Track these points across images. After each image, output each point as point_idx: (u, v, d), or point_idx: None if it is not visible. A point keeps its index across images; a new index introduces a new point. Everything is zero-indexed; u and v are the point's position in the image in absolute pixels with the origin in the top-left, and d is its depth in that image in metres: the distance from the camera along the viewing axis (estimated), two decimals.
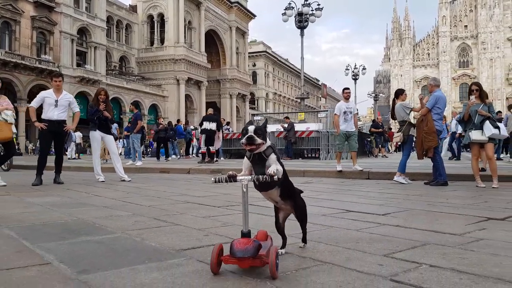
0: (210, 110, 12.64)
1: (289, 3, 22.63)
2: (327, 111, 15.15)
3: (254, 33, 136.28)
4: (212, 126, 11.81)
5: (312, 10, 22.72)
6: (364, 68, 36.56)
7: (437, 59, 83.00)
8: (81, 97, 40.77)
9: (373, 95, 47.59)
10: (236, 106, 63.30)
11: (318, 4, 23.08)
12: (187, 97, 54.57)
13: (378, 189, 5.85)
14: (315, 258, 2.09)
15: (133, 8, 53.39)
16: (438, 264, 1.96)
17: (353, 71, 36.15)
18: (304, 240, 2.26)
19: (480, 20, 78.91)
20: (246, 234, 1.80)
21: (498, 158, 12.92)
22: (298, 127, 15.35)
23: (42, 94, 6.83)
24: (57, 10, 40.61)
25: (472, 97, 6.66)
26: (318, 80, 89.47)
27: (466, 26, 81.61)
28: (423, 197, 4.93)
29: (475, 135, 6.41)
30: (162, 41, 52.84)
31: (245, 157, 1.97)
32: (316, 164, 11.65)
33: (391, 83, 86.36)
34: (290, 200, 2.06)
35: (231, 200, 4.43)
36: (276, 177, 1.76)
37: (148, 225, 2.97)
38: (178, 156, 17.12)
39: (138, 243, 2.44)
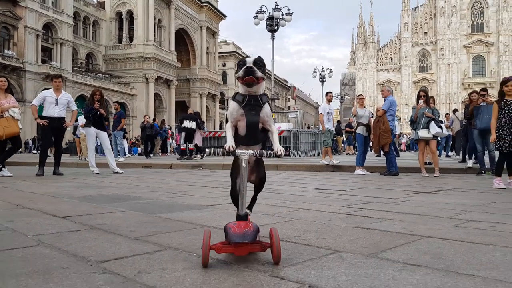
0: (190, 110, 13.49)
1: (261, 7, 23.56)
2: (297, 112, 16.25)
3: (224, 33, 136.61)
4: (192, 124, 12.65)
5: (282, 15, 23.69)
6: (331, 71, 38.11)
7: (399, 63, 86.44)
8: None
9: (339, 97, 49.55)
10: (206, 106, 63.74)
11: (289, 9, 24.13)
12: (156, 95, 54.51)
13: (342, 178, 6.95)
14: (303, 218, 3.08)
15: (101, 5, 52.76)
16: (375, 209, 3.05)
17: (320, 74, 37.64)
18: (250, 208, 2.00)
19: (439, 28, 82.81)
20: (243, 217, 1.60)
21: (447, 156, 14.50)
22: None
23: (43, 93, 7.48)
24: (22, 5, 39.72)
25: (420, 101, 7.90)
26: (287, 82, 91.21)
27: (426, 33, 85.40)
28: (376, 182, 6.06)
29: (422, 133, 7.63)
30: (131, 38, 52.50)
31: (231, 103, 1.72)
32: (288, 159, 12.72)
33: (356, 86, 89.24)
34: (260, 164, 1.88)
35: (223, 184, 5.37)
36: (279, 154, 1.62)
37: (171, 196, 3.88)
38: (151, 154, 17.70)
39: (173, 203, 3.38)
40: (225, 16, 69.29)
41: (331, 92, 10.06)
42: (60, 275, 1.43)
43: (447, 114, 13.73)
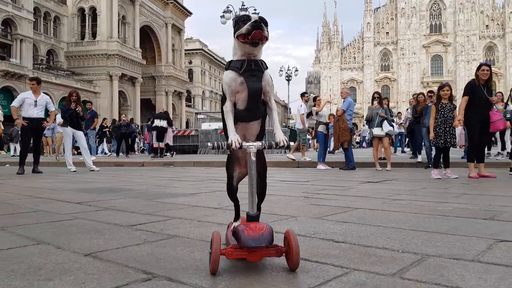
0: (161, 109, 13.97)
1: (227, 7, 24.15)
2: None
3: (189, 30, 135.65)
4: (163, 123, 13.16)
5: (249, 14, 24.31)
6: (296, 70, 39.30)
7: (362, 62, 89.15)
8: (5, 92, 38.76)
9: (301, 93, 50.79)
10: (173, 104, 63.52)
11: (255, 9, 24.84)
12: (121, 93, 53.84)
13: (305, 172, 7.76)
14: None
15: (62, 0, 51.51)
16: (328, 193, 3.85)
17: (286, 73, 38.70)
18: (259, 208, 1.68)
19: (399, 28, 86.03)
20: (255, 218, 1.45)
21: (403, 151, 15.75)
22: None
23: (22, 95, 7.85)
24: None
25: (375, 102, 8.83)
26: None
27: (387, 32, 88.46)
28: (334, 175, 6.91)
29: (376, 131, 8.57)
30: (94, 35, 51.53)
31: (227, 73, 1.51)
32: None
33: (321, 84, 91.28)
34: (260, 156, 1.61)
35: (199, 178, 6.05)
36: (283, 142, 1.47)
37: (157, 188, 4.53)
38: (109, 154, 17.84)
39: (161, 192, 4.04)
40: (190, 13, 69.15)
41: (307, 93, 10.99)
42: (108, 231, 2.11)
43: (399, 113, 14.93)
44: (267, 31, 1.45)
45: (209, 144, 1.45)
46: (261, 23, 1.42)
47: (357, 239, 1.89)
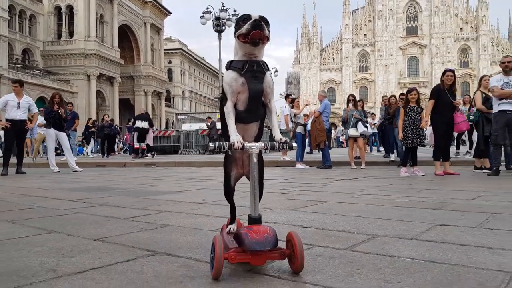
0: (142, 110, 14.12)
1: (207, 7, 24.33)
2: None
3: (169, 29, 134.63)
4: (144, 124, 13.34)
5: (229, 15, 24.59)
6: (276, 71, 39.88)
7: (341, 63, 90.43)
8: None
9: (285, 95, 51.37)
10: (152, 104, 63.12)
11: (235, 10, 25.09)
12: (99, 93, 53.18)
13: (284, 171, 8.14)
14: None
15: None
16: (303, 190, 4.21)
17: None
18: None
19: (377, 30, 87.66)
20: (257, 220, 1.45)
21: (379, 151, 16.35)
22: (219, 125, 17.37)
23: (5, 97, 7.97)
24: None
25: (350, 105, 9.28)
26: None
27: (365, 34, 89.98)
28: (311, 173, 7.31)
29: (351, 131, 9.02)
30: (71, 34, 50.75)
31: (227, 73, 1.50)
32: None
33: (300, 85, 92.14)
34: (259, 156, 1.58)
35: (182, 178, 6.34)
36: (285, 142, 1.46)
37: (143, 186, 4.82)
38: (92, 155, 17.92)
39: (148, 191, 4.33)
40: (170, 13, 68.82)
41: (291, 95, 11.39)
42: (108, 223, 2.41)
43: (372, 113, 15.53)
44: (268, 30, 1.43)
45: (210, 144, 1.41)
46: (262, 22, 1.41)
47: (322, 225, 2.26)
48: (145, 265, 1.54)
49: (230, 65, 1.50)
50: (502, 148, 6.86)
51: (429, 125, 7.32)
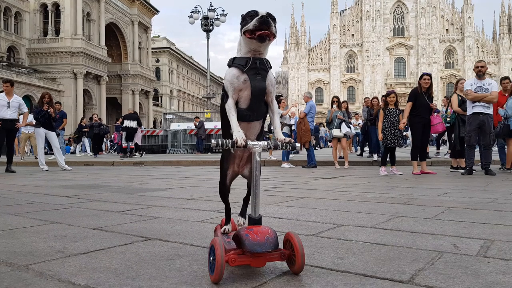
0: (131, 110, 14.28)
1: (195, 7, 24.46)
2: None
3: (156, 27, 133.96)
4: (133, 124, 13.51)
5: (217, 15, 24.75)
6: None
7: (329, 63, 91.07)
8: None
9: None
10: (139, 103, 62.89)
11: (223, 10, 25.27)
12: (86, 92, 52.83)
13: (269, 170, 8.43)
14: None
15: None
16: (285, 187, 4.48)
17: None
18: (244, 214, 1.82)
19: (364, 31, 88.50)
20: (257, 221, 1.43)
21: (363, 150, 16.75)
22: (207, 125, 17.60)
23: None
24: None
25: (334, 106, 9.60)
26: (223, 79, 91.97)
27: (353, 35, 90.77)
28: (296, 172, 7.61)
29: (335, 132, 9.35)
30: (57, 32, 50.37)
31: (229, 70, 1.48)
32: None
33: (289, 85, 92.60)
34: None
35: (170, 176, 6.57)
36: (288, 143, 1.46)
37: (133, 184, 5.05)
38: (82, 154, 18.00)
39: (139, 188, 4.57)
40: (158, 11, 68.62)
41: (282, 96, 11.66)
42: (104, 215, 2.66)
43: (356, 114, 15.93)
44: (275, 27, 1.41)
45: (212, 141, 1.38)
46: (269, 18, 1.40)
47: (296, 217, 2.55)
48: (140, 247, 1.80)
49: (232, 62, 1.48)
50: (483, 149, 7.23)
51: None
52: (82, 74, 50.43)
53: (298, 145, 1.48)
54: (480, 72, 7.00)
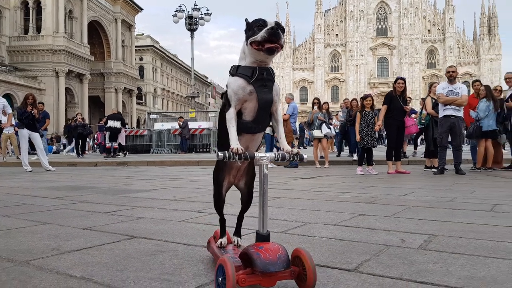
0: (114, 110, 14.36)
1: (180, 6, 24.49)
2: (216, 111, 17.75)
3: (140, 25, 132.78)
4: (117, 124, 13.59)
5: (201, 14, 24.83)
6: None
7: (313, 63, 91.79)
8: None
9: None
10: (123, 101, 62.41)
11: (207, 10, 25.36)
12: (68, 90, 52.20)
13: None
14: None
15: None
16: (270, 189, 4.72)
17: None
18: (239, 233, 1.86)
19: (348, 30, 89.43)
20: (266, 237, 1.37)
21: (342, 150, 17.14)
22: (191, 125, 17.76)
23: None
24: None
25: (315, 107, 9.90)
26: (207, 77, 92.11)
27: (337, 35, 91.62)
28: (277, 172, 7.87)
29: (316, 133, 9.65)
30: (38, 29, 49.66)
31: (234, 79, 1.42)
32: (208, 155, 14.25)
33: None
34: (253, 168, 1.70)
35: (154, 177, 6.76)
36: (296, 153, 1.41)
37: (118, 185, 5.23)
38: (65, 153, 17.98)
39: (124, 189, 4.77)
40: (141, 9, 68.11)
41: None
42: (92, 216, 2.87)
43: (336, 114, 16.32)
44: (283, 37, 1.36)
45: (219, 154, 1.32)
46: (278, 30, 1.34)
47: (269, 216, 2.78)
48: (127, 245, 2.03)
49: (236, 71, 1.43)
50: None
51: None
52: (64, 73, 49.81)
53: (305, 156, 1.43)
54: (451, 76, 7.38)
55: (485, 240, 2.07)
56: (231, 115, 1.41)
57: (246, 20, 1.41)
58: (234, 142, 1.37)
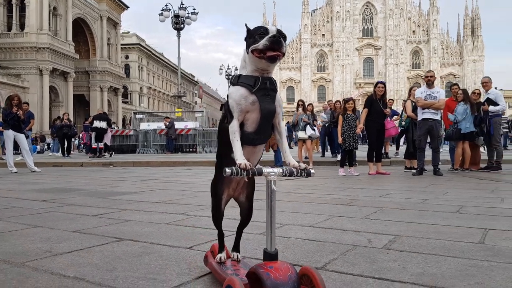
0: (100, 110, 14.36)
1: (166, 5, 24.46)
2: (203, 111, 17.86)
3: (126, 23, 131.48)
4: (103, 124, 13.61)
5: (188, 13, 24.84)
6: (236, 69, 40.44)
7: (300, 63, 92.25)
8: None
9: None
10: (108, 100, 61.88)
11: (194, 9, 25.37)
12: (52, 89, 51.56)
13: None
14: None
15: None
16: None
17: (226, 71, 39.73)
18: (237, 248, 1.81)
19: (334, 31, 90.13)
20: (274, 256, 1.31)
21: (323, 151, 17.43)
22: (178, 125, 17.83)
23: None
24: None
25: (300, 109, 10.11)
26: (194, 76, 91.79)
27: (323, 35, 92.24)
28: None
29: (300, 134, 9.87)
30: (22, 26, 48.96)
31: (235, 89, 1.39)
32: (194, 156, 14.37)
33: None
34: (253, 181, 1.69)
35: (141, 179, 6.87)
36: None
37: (104, 187, 5.34)
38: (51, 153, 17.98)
39: (110, 191, 4.89)
40: (127, 7, 67.61)
41: None
42: (80, 219, 3.00)
43: (318, 115, 16.61)
44: (285, 45, 1.34)
45: (227, 170, 1.27)
46: (281, 38, 1.32)
47: None
48: (115, 247, 2.18)
49: (237, 80, 1.40)
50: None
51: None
52: (48, 71, 49.18)
53: (313, 171, 1.41)
54: (430, 81, 7.67)
55: (444, 240, 2.28)
56: (234, 128, 1.37)
57: (246, 26, 1.40)
58: (241, 157, 1.32)
